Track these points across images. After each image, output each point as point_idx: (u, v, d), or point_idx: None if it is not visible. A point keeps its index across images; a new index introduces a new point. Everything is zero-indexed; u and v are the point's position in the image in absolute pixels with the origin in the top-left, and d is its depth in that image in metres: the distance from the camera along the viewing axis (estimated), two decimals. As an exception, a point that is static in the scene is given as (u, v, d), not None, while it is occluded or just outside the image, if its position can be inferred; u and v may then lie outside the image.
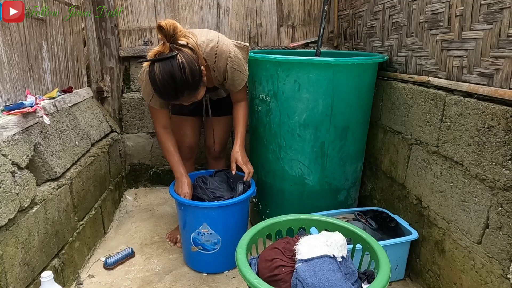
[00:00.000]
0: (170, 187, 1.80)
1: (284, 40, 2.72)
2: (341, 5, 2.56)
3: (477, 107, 1.26)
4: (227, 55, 1.63)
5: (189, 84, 1.44)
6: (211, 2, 2.59)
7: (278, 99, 1.79)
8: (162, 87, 1.42)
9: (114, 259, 1.82)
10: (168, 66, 1.39)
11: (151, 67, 1.42)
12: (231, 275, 1.77)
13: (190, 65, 1.43)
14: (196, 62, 1.47)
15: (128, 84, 2.69)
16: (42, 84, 1.74)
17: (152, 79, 1.43)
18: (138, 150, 2.73)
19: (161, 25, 1.37)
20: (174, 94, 1.46)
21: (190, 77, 1.43)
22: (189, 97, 1.52)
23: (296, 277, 1.16)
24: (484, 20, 1.23)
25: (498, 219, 1.17)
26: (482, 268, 1.25)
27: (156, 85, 1.43)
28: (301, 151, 1.82)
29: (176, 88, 1.43)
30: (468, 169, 1.31)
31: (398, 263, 1.66)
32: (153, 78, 1.42)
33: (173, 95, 1.46)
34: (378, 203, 2.06)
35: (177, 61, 1.40)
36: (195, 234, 1.71)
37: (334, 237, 1.28)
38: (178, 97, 1.48)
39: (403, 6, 1.74)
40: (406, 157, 1.73)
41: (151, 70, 1.42)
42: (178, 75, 1.40)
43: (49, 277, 1.25)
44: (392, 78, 1.87)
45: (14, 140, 1.33)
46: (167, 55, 1.40)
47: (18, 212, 1.26)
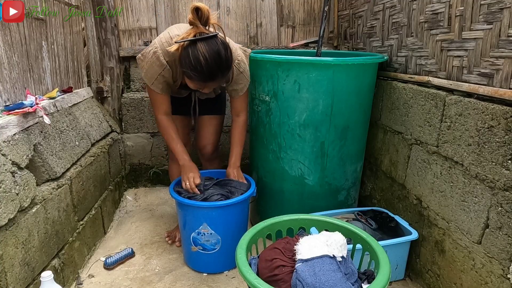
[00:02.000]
0: (170, 187, 1.80)
1: (284, 40, 2.72)
2: (341, 5, 2.56)
3: (477, 107, 1.26)
4: (235, 57, 1.62)
5: (229, 64, 1.47)
6: (211, 2, 2.59)
7: (278, 99, 1.79)
8: (206, 66, 1.41)
9: (114, 259, 1.82)
10: (214, 44, 1.40)
11: (192, 47, 1.41)
12: (231, 275, 1.77)
13: (229, 45, 1.46)
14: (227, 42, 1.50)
15: (128, 84, 2.69)
16: (42, 84, 1.74)
17: (195, 58, 1.40)
18: (138, 150, 2.73)
19: (199, 7, 1.38)
20: (216, 73, 1.45)
21: (230, 57, 1.47)
22: (223, 79, 1.54)
23: (296, 277, 1.16)
24: (484, 20, 1.23)
25: (498, 219, 1.17)
26: (482, 268, 1.25)
27: (199, 64, 1.41)
28: (301, 151, 1.82)
29: (221, 65, 1.44)
30: (468, 169, 1.31)
31: (398, 263, 1.66)
32: (196, 57, 1.40)
33: (216, 73, 1.45)
34: (378, 203, 2.06)
35: (219, 40, 1.42)
36: (195, 234, 1.71)
37: (334, 237, 1.28)
38: (218, 76, 1.47)
39: (403, 6, 1.74)
40: (406, 157, 1.73)
41: (193, 49, 1.40)
42: (223, 53, 1.42)
43: (49, 277, 1.25)
44: (392, 78, 1.87)
45: (14, 140, 1.33)
46: (210, 34, 1.41)
47: (18, 212, 1.26)
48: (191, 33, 1.43)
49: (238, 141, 1.83)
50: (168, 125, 1.76)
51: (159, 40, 1.59)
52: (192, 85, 1.59)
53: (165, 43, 1.57)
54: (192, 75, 1.47)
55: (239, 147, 1.84)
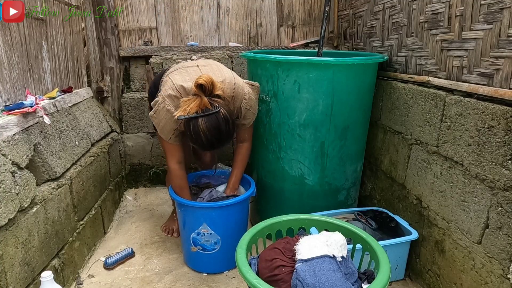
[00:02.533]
0: (169, 188, 1.80)
1: (284, 40, 2.72)
2: (341, 5, 2.56)
3: (477, 107, 1.26)
4: (242, 97, 1.65)
5: (231, 135, 1.53)
6: (211, 2, 2.59)
7: (278, 99, 1.79)
8: (206, 140, 1.46)
9: (114, 259, 1.82)
10: (214, 121, 1.44)
11: (193, 121, 1.44)
12: (231, 275, 1.77)
13: (231, 117, 1.50)
14: (233, 112, 1.54)
15: (128, 84, 2.69)
16: (42, 84, 1.74)
17: (195, 133, 1.45)
18: (138, 150, 2.73)
19: (201, 83, 1.42)
20: (216, 145, 1.51)
21: (232, 129, 1.52)
22: (224, 146, 1.59)
23: (296, 277, 1.16)
24: (484, 20, 1.23)
25: (498, 219, 1.17)
26: (482, 268, 1.25)
27: (199, 138, 1.46)
28: (301, 151, 1.82)
29: (220, 139, 1.48)
30: (468, 169, 1.31)
31: (398, 263, 1.66)
32: (197, 132, 1.45)
33: (216, 146, 1.51)
34: (378, 203, 2.06)
35: (221, 115, 1.45)
36: (195, 235, 1.71)
37: (334, 237, 1.28)
38: (218, 147, 1.53)
39: (403, 6, 1.74)
40: (406, 157, 1.73)
41: (194, 124, 1.44)
42: (224, 128, 1.46)
43: (49, 277, 1.25)
44: (392, 78, 1.87)
45: (14, 140, 1.33)
46: (211, 111, 1.44)
47: (18, 212, 1.26)
48: (193, 106, 1.44)
49: (239, 165, 1.86)
50: (182, 175, 1.75)
51: (166, 93, 1.57)
52: None
53: (173, 96, 1.56)
54: (194, 145, 1.53)
55: (239, 171, 1.87)
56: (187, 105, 1.45)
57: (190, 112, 1.44)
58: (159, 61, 2.56)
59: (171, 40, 2.64)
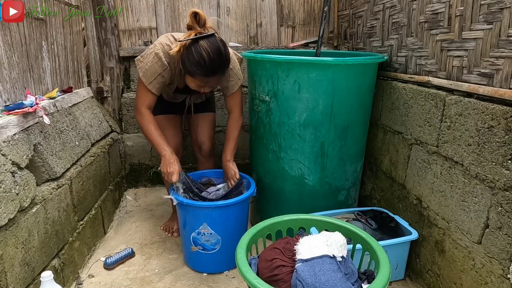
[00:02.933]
0: (170, 188, 1.80)
1: (284, 40, 2.72)
2: (341, 5, 2.55)
3: (477, 107, 1.26)
4: None
5: (229, 59, 1.58)
6: (211, 2, 2.59)
7: (278, 99, 1.79)
8: (209, 60, 1.50)
9: (114, 259, 1.82)
10: (215, 42, 1.51)
11: (194, 44, 1.50)
12: (231, 275, 1.77)
13: (225, 42, 1.56)
14: None
15: (128, 84, 2.69)
16: (42, 84, 1.74)
17: (198, 54, 1.49)
18: (138, 150, 2.73)
19: (197, 12, 1.52)
20: (218, 68, 1.55)
21: (228, 54, 1.58)
22: (223, 76, 1.65)
23: (296, 277, 1.16)
24: (484, 20, 1.23)
25: (498, 219, 1.17)
26: (482, 268, 1.25)
27: (202, 59, 1.50)
28: (301, 151, 1.82)
29: (222, 60, 1.54)
30: (468, 169, 1.31)
31: (398, 263, 1.66)
32: (200, 53, 1.49)
33: (217, 68, 1.55)
34: (378, 203, 2.06)
35: (218, 38, 1.54)
36: (195, 234, 1.71)
37: (334, 237, 1.28)
38: (219, 71, 1.57)
39: (403, 6, 1.74)
40: (406, 157, 1.73)
41: (195, 46, 1.50)
42: (223, 49, 1.53)
43: (49, 277, 1.25)
44: (392, 78, 1.87)
45: (14, 140, 1.33)
46: (209, 33, 1.52)
47: (18, 212, 1.26)
48: (191, 34, 1.52)
49: (233, 135, 1.90)
50: (151, 119, 1.77)
51: (159, 42, 1.66)
52: (193, 84, 1.64)
53: (165, 45, 1.64)
54: (196, 70, 1.54)
55: (234, 141, 1.91)
56: (186, 36, 1.53)
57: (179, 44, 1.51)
58: (159, 61, 2.55)
59: (171, 40, 2.64)
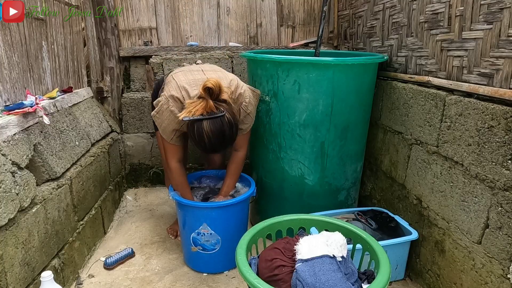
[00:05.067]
0: (169, 187, 1.80)
1: (284, 40, 2.72)
2: (341, 5, 2.55)
3: (477, 107, 1.26)
4: (243, 99, 1.64)
5: (234, 139, 1.54)
6: (211, 2, 2.59)
7: (278, 99, 1.79)
8: (209, 143, 1.46)
9: (114, 259, 1.82)
10: (219, 125, 1.44)
11: (197, 124, 1.44)
12: (231, 275, 1.77)
13: (235, 121, 1.50)
14: (236, 116, 1.54)
15: (128, 84, 2.69)
16: (42, 84, 1.74)
17: (199, 135, 1.45)
18: (138, 150, 2.73)
19: (209, 86, 1.42)
20: (219, 149, 1.52)
21: (235, 133, 1.52)
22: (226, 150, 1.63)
23: (296, 277, 1.16)
24: (484, 20, 1.23)
25: (498, 219, 1.17)
26: (482, 268, 1.25)
27: (203, 141, 1.46)
28: (301, 151, 1.82)
29: (223, 143, 1.49)
30: (468, 169, 1.31)
31: (398, 263, 1.66)
32: (201, 134, 1.44)
33: (218, 149, 1.52)
34: (378, 203, 2.06)
35: (226, 119, 1.45)
36: (195, 234, 1.71)
37: (334, 237, 1.28)
38: (221, 150, 1.55)
39: (403, 6, 1.74)
40: (406, 157, 1.73)
41: (198, 126, 1.44)
42: (228, 133, 1.47)
43: (49, 277, 1.25)
44: (392, 78, 1.87)
45: (14, 140, 1.33)
46: (217, 114, 1.44)
47: (18, 212, 1.26)
48: (199, 108, 1.44)
49: (233, 173, 1.84)
50: (182, 173, 1.75)
51: (169, 94, 1.56)
52: None
53: (176, 97, 1.55)
54: (198, 146, 1.52)
55: (232, 181, 1.85)
56: (193, 107, 1.44)
57: (195, 114, 1.43)
58: (159, 61, 2.55)
59: (171, 40, 2.64)
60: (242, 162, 1.84)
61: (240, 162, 1.83)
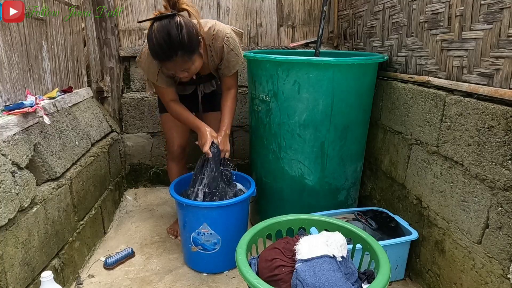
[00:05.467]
0: (170, 187, 1.80)
1: (284, 40, 2.72)
2: (341, 5, 2.55)
3: (477, 107, 1.26)
4: (223, 35, 1.68)
5: (184, 45, 1.47)
6: (211, 2, 2.59)
7: (278, 99, 1.79)
8: (157, 44, 1.46)
9: (114, 259, 1.82)
10: (166, 24, 1.44)
11: (150, 27, 1.47)
12: (231, 275, 1.77)
13: (188, 26, 1.48)
14: (194, 27, 1.52)
15: (128, 84, 2.69)
16: (42, 84, 1.74)
17: (149, 37, 1.47)
18: (138, 150, 2.73)
19: None
20: (168, 52, 1.47)
21: (186, 37, 1.46)
22: (183, 60, 1.52)
23: (296, 277, 1.16)
24: (484, 20, 1.23)
25: (498, 219, 1.17)
26: (482, 268, 1.25)
27: (151, 42, 1.47)
28: (301, 151, 1.82)
29: (170, 45, 1.45)
30: (468, 169, 1.31)
31: (398, 263, 1.66)
32: (150, 36, 1.46)
33: (167, 53, 1.48)
34: (378, 203, 2.06)
35: (175, 20, 1.45)
36: (195, 234, 1.71)
37: (334, 237, 1.28)
38: (171, 56, 1.49)
39: (403, 6, 1.74)
40: (406, 157, 1.73)
41: (149, 29, 1.47)
42: (174, 32, 1.44)
43: (49, 277, 1.25)
44: (392, 78, 1.87)
45: (14, 140, 1.33)
46: (166, 14, 1.46)
47: (18, 212, 1.26)
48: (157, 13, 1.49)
49: (229, 110, 1.87)
50: (178, 106, 1.80)
51: None
52: (165, 70, 1.64)
53: None
54: (151, 55, 1.52)
55: (230, 116, 1.87)
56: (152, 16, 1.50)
57: None
58: (159, 61, 2.55)
59: (171, 40, 2.64)
60: (236, 97, 1.90)
61: (235, 97, 1.89)
